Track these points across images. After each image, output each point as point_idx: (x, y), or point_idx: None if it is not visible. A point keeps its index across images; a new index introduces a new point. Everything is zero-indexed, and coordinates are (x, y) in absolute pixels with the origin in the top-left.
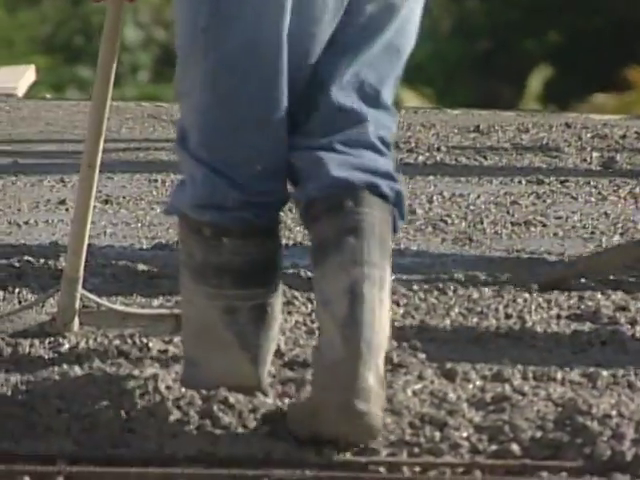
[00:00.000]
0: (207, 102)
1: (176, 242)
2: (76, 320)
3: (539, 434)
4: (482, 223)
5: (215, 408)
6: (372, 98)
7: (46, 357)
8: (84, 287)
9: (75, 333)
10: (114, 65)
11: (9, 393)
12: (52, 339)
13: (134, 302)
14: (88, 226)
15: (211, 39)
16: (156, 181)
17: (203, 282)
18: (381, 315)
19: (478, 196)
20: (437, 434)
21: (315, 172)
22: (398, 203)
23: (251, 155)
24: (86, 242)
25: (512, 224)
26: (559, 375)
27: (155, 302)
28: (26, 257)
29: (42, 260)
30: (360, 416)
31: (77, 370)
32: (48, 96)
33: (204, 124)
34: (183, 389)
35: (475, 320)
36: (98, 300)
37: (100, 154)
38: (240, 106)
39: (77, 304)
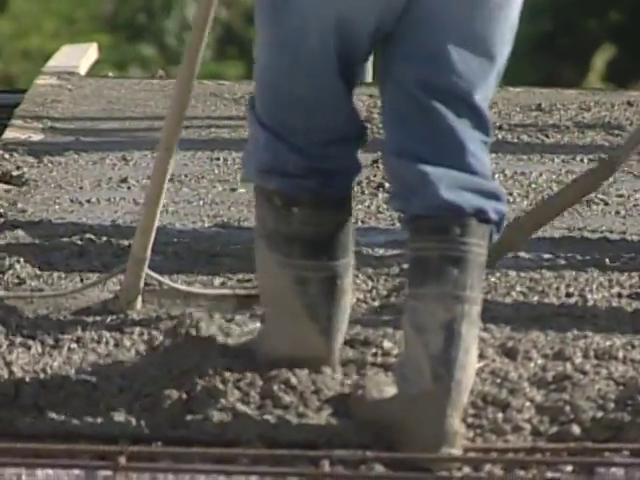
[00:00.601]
0: (266, 72)
1: (237, 220)
2: (139, 299)
3: (600, 414)
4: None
5: (276, 389)
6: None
7: (108, 335)
8: None
9: (138, 311)
10: (201, 51)
11: (72, 372)
12: (115, 317)
13: (195, 280)
14: (159, 208)
15: (274, 14)
16: (218, 159)
17: (275, 249)
18: (474, 354)
19: (540, 174)
20: (499, 415)
21: (421, 189)
22: (499, 223)
23: (306, 127)
24: (156, 223)
25: None
26: (620, 354)
27: (216, 280)
28: (88, 235)
29: (104, 238)
30: None
31: (139, 349)
32: (110, 74)
33: (264, 91)
34: (244, 370)
35: (536, 299)
36: (162, 279)
37: (178, 138)
38: (289, 84)
39: (142, 283)
